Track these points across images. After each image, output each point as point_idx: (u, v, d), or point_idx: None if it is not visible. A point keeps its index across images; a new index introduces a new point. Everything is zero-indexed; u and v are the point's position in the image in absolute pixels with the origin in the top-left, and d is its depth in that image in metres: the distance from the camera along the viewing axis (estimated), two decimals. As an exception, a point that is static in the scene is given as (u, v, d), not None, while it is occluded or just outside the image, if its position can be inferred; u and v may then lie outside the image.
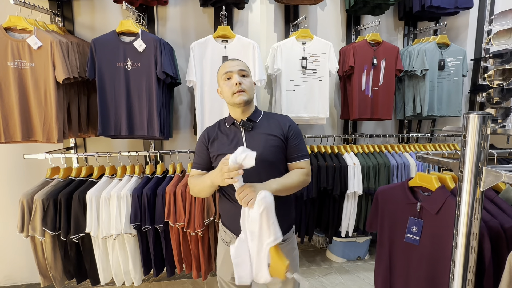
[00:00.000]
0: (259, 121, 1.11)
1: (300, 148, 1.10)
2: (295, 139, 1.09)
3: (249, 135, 1.07)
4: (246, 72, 1.09)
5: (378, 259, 1.20)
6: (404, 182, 1.11)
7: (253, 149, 1.00)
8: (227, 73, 1.06)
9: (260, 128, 1.09)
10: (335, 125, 2.48)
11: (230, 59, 1.13)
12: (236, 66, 1.07)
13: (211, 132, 1.14)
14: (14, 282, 2.03)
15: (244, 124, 1.07)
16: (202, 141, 1.14)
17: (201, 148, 1.14)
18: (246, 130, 1.08)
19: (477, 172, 0.68)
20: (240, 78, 1.05)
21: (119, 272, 1.62)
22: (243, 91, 1.04)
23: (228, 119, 1.14)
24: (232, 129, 1.11)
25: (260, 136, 1.07)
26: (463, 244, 0.72)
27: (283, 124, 1.10)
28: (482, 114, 0.66)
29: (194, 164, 1.16)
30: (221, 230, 1.17)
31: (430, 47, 2.13)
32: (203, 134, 1.16)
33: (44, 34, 1.52)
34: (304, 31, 1.99)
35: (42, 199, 1.47)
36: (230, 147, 1.06)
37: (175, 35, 2.05)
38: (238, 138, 1.08)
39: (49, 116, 1.55)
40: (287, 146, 1.09)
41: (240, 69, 1.07)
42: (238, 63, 1.09)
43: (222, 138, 1.10)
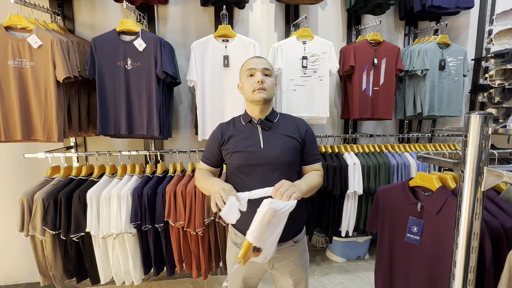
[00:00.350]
0: (276, 121, 1.11)
1: (315, 151, 1.12)
2: (311, 143, 1.11)
3: (266, 135, 1.07)
4: (270, 71, 1.08)
5: (378, 258, 1.20)
6: (404, 182, 1.11)
7: (271, 149, 1.05)
8: (250, 69, 1.06)
9: (277, 129, 1.09)
10: (336, 124, 2.48)
11: (255, 57, 1.12)
12: (260, 64, 1.07)
13: (225, 129, 1.13)
14: (14, 281, 2.04)
15: (262, 123, 1.07)
16: (215, 138, 1.13)
17: (212, 144, 1.14)
18: (264, 129, 1.07)
19: (478, 172, 0.68)
20: (263, 77, 1.05)
21: (119, 272, 1.62)
22: (264, 89, 1.04)
23: (244, 116, 1.13)
24: (248, 127, 1.10)
25: (278, 137, 1.07)
26: (464, 244, 0.72)
27: (301, 127, 1.11)
28: (483, 114, 0.66)
29: (203, 158, 1.16)
30: (231, 232, 1.15)
31: (430, 47, 2.13)
32: (216, 131, 1.15)
33: (45, 33, 1.52)
34: (304, 30, 1.99)
35: (42, 198, 1.47)
36: (246, 145, 1.05)
37: (175, 34, 2.05)
38: (254, 137, 1.07)
39: (49, 115, 1.55)
40: (303, 149, 1.10)
41: (264, 67, 1.06)
42: (263, 62, 1.08)
43: (238, 136, 1.09)
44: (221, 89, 1.82)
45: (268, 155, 1.03)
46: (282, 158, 1.03)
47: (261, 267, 1.12)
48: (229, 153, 1.07)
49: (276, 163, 1.03)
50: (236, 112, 1.83)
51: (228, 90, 1.83)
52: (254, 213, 0.83)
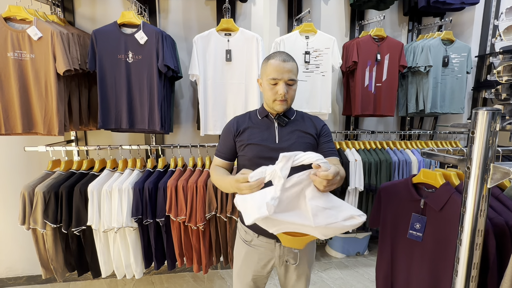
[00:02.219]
0: (293, 118, 1.10)
1: (331, 145, 1.10)
2: (326, 137, 1.10)
3: (282, 131, 1.06)
4: (294, 80, 1.02)
5: (379, 255, 1.20)
6: (407, 178, 1.10)
7: (286, 144, 1.03)
8: (274, 79, 0.99)
9: (293, 125, 1.07)
10: (337, 121, 2.47)
11: (281, 58, 0.99)
12: (286, 73, 0.98)
13: (241, 121, 1.11)
14: (16, 274, 2.05)
15: (279, 119, 1.06)
16: (230, 130, 1.10)
17: (226, 136, 1.11)
18: (280, 125, 1.06)
19: (485, 169, 0.67)
20: (287, 88, 1.00)
21: (120, 265, 1.63)
22: (285, 100, 1.01)
23: (261, 111, 1.11)
24: (265, 121, 1.09)
25: (294, 133, 1.06)
26: (468, 240, 0.72)
27: (317, 124, 1.10)
28: (491, 110, 0.65)
29: (217, 152, 1.13)
30: (241, 230, 1.14)
31: (434, 43, 2.11)
32: (231, 123, 1.12)
33: (44, 24, 1.50)
34: (307, 25, 1.97)
35: (43, 191, 1.46)
36: (261, 139, 1.05)
37: (177, 27, 2.02)
38: (270, 131, 1.06)
39: (50, 108, 1.54)
40: (318, 144, 1.09)
41: (290, 78, 0.99)
42: (289, 68, 0.99)
43: (253, 129, 1.08)
44: (223, 84, 1.81)
45: (283, 150, 1.00)
46: None
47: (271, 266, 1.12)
48: (243, 145, 1.06)
49: None
50: (238, 107, 1.83)
51: (231, 85, 1.81)
52: None
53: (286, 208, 0.81)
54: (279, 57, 1.00)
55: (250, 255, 1.11)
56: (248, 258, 1.11)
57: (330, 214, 0.81)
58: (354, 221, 0.81)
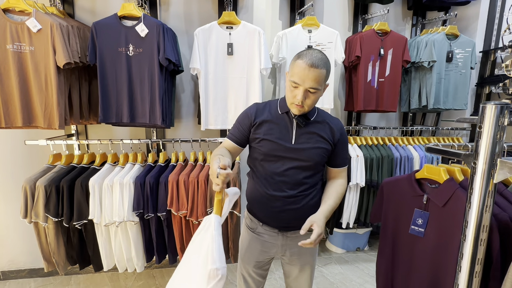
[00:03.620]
0: (313, 119, 1.06)
1: (345, 156, 1.11)
2: (342, 146, 1.09)
3: (299, 132, 1.04)
4: (317, 89, 0.94)
5: (380, 250, 1.20)
6: (410, 174, 1.10)
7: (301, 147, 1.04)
8: (295, 83, 0.94)
9: (312, 127, 1.05)
10: (339, 116, 2.46)
11: (309, 64, 0.90)
12: (308, 81, 0.91)
13: (261, 111, 1.07)
14: (18, 267, 2.06)
15: (298, 119, 1.02)
16: (248, 115, 1.07)
17: (243, 120, 1.07)
18: (299, 126, 1.04)
19: (492, 164, 0.67)
20: (306, 95, 0.94)
21: (122, 259, 1.64)
22: (302, 106, 0.97)
23: (282, 104, 1.07)
24: (284, 118, 1.06)
25: (311, 136, 1.04)
26: (473, 236, 0.71)
27: (336, 130, 1.06)
28: (499, 104, 0.64)
29: (229, 134, 1.10)
30: (247, 218, 1.18)
31: (438, 38, 2.08)
32: (251, 108, 1.09)
33: (44, 16, 1.48)
34: (310, 18, 1.94)
35: (44, 185, 1.46)
36: (278, 137, 1.03)
37: (178, 20, 1.99)
38: (287, 131, 1.04)
39: (50, 101, 1.53)
40: (333, 151, 1.07)
41: (311, 87, 0.92)
42: (312, 77, 0.90)
43: (271, 124, 1.05)
44: (224, 78, 1.79)
45: (298, 152, 1.02)
46: (310, 157, 1.02)
47: (273, 253, 1.15)
48: (259, 139, 1.04)
49: (304, 160, 1.02)
50: (239, 101, 1.81)
51: (232, 79, 1.79)
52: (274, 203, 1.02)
53: None
54: (308, 60, 0.90)
55: (254, 242, 1.15)
56: (252, 244, 1.15)
57: None
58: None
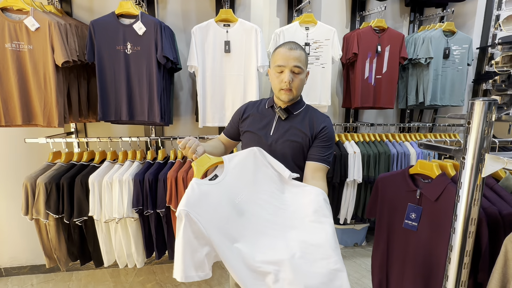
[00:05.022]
0: (297, 113, 1.08)
1: (322, 151, 1.03)
2: (324, 140, 1.04)
3: (279, 124, 1.07)
4: (301, 68, 0.99)
5: (375, 244, 1.22)
6: (404, 169, 1.12)
7: (277, 138, 1.05)
8: (280, 66, 0.99)
9: (293, 121, 1.06)
10: (337, 113, 2.47)
11: (289, 46, 0.99)
12: (291, 60, 0.97)
13: (250, 107, 1.16)
14: (20, 263, 2.08)
15: (280, 111, 1.06)
16: (238, 112, 1.18)
17: (234, 117, 1.19)
18: (280, 118, 1.07)
19: (480, 158, 0.68)
20: (292, 75, 0.98)
21: (122, 255, 1.66)
22: (290, 89, 0.99)
23: (270, 100, 1.13)
24: (269, 112, 1.11)
25: (288, 129, 1.05)
26: (461, 229, 0.73)
27: (317, 123, 1.05)
28: (488, 100, 0.66)
29: (224, 129, 1.22)
30: None
31: (436, 34, 2.09)
32: (243, 106, 1.19)
33: (42, 15, 1.49)
34: (308, 16, 1.94)
35: (44, 182, 1.48)
36: (258, 128, 1.08)
37: (175, 18, 2.00)
38: (269, 123, 1.09)
39: (49, 100, 1.54)
40: (311, 145, 1.05)
41: (295, 65, 0.98)
42: (294, 56, 0.98)
43: (256, 117, 1.12)
44: (222, 75, 1.80)
45: (273, 143, 1.05)
46: (283, 150, 1.04)
47: None
48: (244, 131, 1.12)
49: (278, 152, 1.04)
50: (237, 99, 1.83)
51: (229, 76, 1.80)
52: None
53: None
54: (287, 46, 1.00)
55: None
56: None
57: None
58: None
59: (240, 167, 0.86)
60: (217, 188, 0.78)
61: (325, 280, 0.69)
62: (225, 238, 0.72)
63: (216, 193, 0.77)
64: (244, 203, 0.80)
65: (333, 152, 1.14)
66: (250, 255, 0.71)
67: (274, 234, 0.78)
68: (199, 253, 0.68)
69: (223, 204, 0.76)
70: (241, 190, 0.82)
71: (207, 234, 0.68)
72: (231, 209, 0.77)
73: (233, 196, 0.79)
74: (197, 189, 0.75)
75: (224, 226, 0.73)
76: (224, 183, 0.80)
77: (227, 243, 0.71)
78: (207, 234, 0.68)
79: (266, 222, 0.80)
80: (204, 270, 0.69)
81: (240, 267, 0.69)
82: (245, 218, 0.78)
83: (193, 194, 0.73)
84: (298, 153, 1.05)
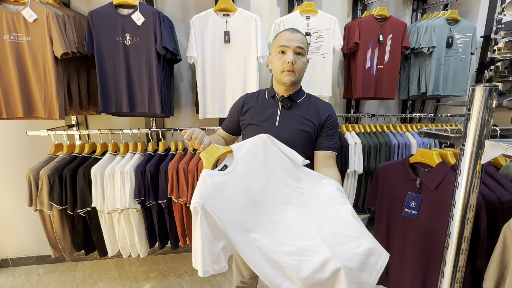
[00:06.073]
0: (299, 101, 1.07)
1: (331, 139, 1.05)
2: (330, 129, 1.05)
3: (284, 114, 1.05)
4: (303, 50, 1.00)
5: (375, 233, 1.24)
6: (405, 158, 1.12)
7: (284, 128, 1.02)
8: (282, 46, 0.98)
9: (298, 110, 1.05)
10: (338, 104, 2.46)
11: (290, 29, 1.01)
12: (294, 41, 0.98)
13: (249, 100, 1.13)
14: (26, 254, 2.13)
15: (283, 101, 1.04)
16: (236, 106, 1.15)
17: (232, 112, 1.17)
18: (284, 107, 1.05)
19: (479, 145, 0.68)
20: (295, 56, 0.98)
21: (125, 245, 1.69)
22: (293, 71, 0.99)
23: (269, 90, 1.11)
24: (270, 102, 1.09)
25: (295, 118, 1.04)
26: (460, 215, 0.74)
27: (323, 112, 1.05)
28: (488, 86, 0.65)
29: (223, 125, 1.20)
30: None
31: (439, 23, 2.05)
32: (240, 99, 1.16)
33: (39, 6, 1.47)
34: (308, 4, 1.91)
35: (47, 174, 1.50)
36: (262, 119, 1.05)
37: (174, 8, 1.97)
38: (272, 114, 1.06)
39: (49, 92, 1.54)
40: (319, 134, 1.05)
41: (298, 46, 0.97)
42: (297, 38, 0.98)
43: (257, 109, 1.09)
44: (221, 66, 1.79)
45: (280, 134, 1.02)
46: (293, 139, 1.02)
47: None
48: (245, 124, 1.09)
49: (287, 143, 1.01)
50: (237, 90, 1.82)
51: (229, 67, 1.79)
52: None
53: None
54: (289, 29, 1.02)
55: None
56: None
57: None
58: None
59: (250, 155, 0.83)
60: (228, 178, 0.76)
61: (362, 259, 0.67)
62: (241, 229, 0.70)
63: (228, 184, 0.75)
64: (257, 193, 0.78)
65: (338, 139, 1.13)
66: (269, 246, 0.70)
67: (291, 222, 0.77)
68: (215, 246, 0.67)
69: (236, 195, 0.75)
70: (253, 180, 0.80)
71: (223, 227, 0.67)
72: (245, 199, 0.75)
73: (246, 186, 0.78)
74: (209, 181, 0.73)
75: (239, 217, 0.72)
76: (236, 173, 0.78)
77: (243, 235, 0.70)
78: (222, 227, 0.67)
79: (281, 211, 0.79)
80: (220, 263, 0.68)
81: (258, 259, 0.68)
82: (260, 208, 0.76)
83: (206, 186, 0.71)
84: (308, 143, 1.05)
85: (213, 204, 0.68)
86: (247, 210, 0.74)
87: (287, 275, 0.67)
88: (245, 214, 0.73)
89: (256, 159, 0.84)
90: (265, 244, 0.70)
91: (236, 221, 0.70)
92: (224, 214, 0.69)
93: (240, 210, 0.73)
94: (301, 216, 0.78)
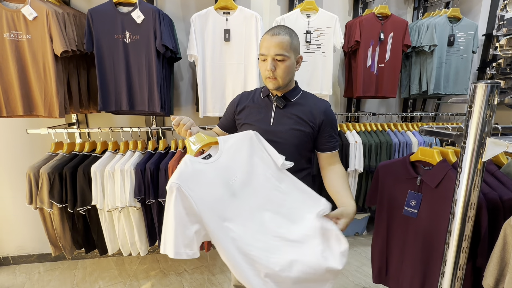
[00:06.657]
0: (294, 100, 1.05)
1: (332, 138, 1.05)
2: (329, 129, 1.04)
3: (278, 113, 1.03)
4: (284, 55, 0.94)
5: (376, 231, 1.23)
6: (405, 157, 1.11)
7: (279, 128, 1.02)
8: (262, 54, 0.97)
9: (292, 109, 1.03)
10: (338, 103, 2.45)
11: (271, 33, 0.95)
12: (273, 48, 0.93)
13: (244, 98, 1.13)
14: (26, 252, 2.13)
15: (277, 100, 1.03)
16: (233, 104, 1.16)
17: (229, 110, 1.17)
18: (278, 107, 1.04)
19: (481, 143, 0.68)
20: (274, 63, 0.94)
21: (126, 243, 1.69)
22: (275, 78, 0.97)
23: (264, 89, 1.10)
24: (265, 101, 1.07)
25: (290, 117, 1.02)
26: (460, 213, 0.73)
27: (319, 112, 1.02)
28: (490, 83, 0.64)
29: (219, 122, 1.21)
30: None
31: (440, 21, 2.04)
32: (236, 98, 1.17)
33: (39, 3, 1.47)
34: (309, 2, 1.90)
35: (48, 172, 1.50)
36: (256, 119, 1.05)
37: (174, 6, 1.97)
38: (266, 113, 1.05)
39: (49, 90, 1.54)
40: (318, 134, 1.04)
41: (277, 53, 0.93)
42: (276, 43, 0.93)
43: (252, 108, 1.08)
44: (222, 64, 1.78)
45: (275, 134, 1.01)
46: (288, 139, 1.01)
47: None
48: (240, 124, 1.09)
49: (282, 143, 1.00)
50: (237, 88, 1.81)
51: (229, 65, 1.79)
52: None
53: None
54: (270, 32, 0.96)
55: None
56: None
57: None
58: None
59: (235, 148, 0.84)
60: (211, 167, 0.76)
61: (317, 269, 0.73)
62: (217, 216, 0.70)
63: (209, 172, 0.75)
64: (238, 186, 0.79)
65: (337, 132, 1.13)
66: (243, 238, 0.71)
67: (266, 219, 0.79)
68: (189, 230, 0.67)
69: (216, 184, 0.75)
70: (235, 172, 0.80)
71: (198, 211, 0.67)
72: (224, 189, 0.76)
73: (227, 177, 0.78)
74: (191, 165, 0.73)
75: (216, 204, 0.72)
76: (219, 163, 0.78)
77: (219, 222, 0.70)
78: (198, 211, 0.67)
79: (259, 206, 0.80)
80: (193, 248, 0.67)
81: (231, 249, 0.69)
82: (238, 200, 0.77)
83: (186, 169, 0.71)
84: (303, 142, 1.03)
85: (190, 187, 0.68)
86: (226, 200, 0.75)
87: (256, 269, 0.69)
88: (222, 203, 0.74)
89: (241, 153, 0.84)
90: (239, 236, 0.71)
91: (212, 208, 0.70)
92: (200, 198, 0.68)
93: (218, 199, 0.73)
94: (276, 215, 0.80)
